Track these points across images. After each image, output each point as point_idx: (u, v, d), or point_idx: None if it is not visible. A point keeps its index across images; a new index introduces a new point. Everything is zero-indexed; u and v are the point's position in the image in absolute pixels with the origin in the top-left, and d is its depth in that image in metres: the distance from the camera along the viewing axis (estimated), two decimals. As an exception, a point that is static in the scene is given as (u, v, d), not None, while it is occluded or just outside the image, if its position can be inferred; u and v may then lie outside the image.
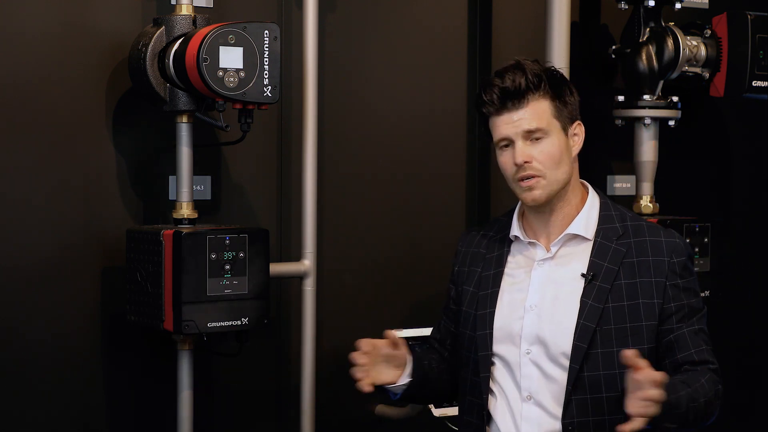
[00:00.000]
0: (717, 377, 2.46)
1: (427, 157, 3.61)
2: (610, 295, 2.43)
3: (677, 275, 2.48)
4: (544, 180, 2.46)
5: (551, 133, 2.46)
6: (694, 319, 2.48)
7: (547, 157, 2.45)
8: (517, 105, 2.45)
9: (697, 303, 2.51)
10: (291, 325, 3.37)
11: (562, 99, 2.48)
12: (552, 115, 2.46)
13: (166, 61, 2.91)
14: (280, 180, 3.36)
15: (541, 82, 2.46)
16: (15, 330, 3.01)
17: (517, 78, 2.45)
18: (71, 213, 3.07)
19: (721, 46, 3.71)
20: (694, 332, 2.48)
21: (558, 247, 2.52)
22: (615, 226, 2.49)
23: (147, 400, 3.18)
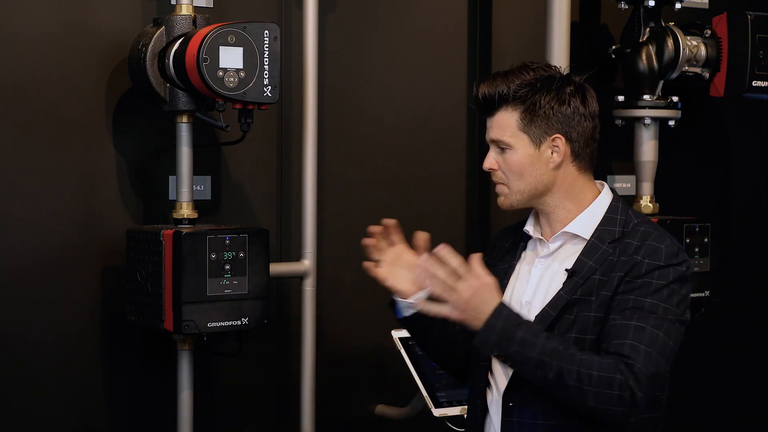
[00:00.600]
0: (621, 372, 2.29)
1: (427, 156, 3.61)
2: (581, 289, 2.44)
3: (640, 275, 2.40)
4: (507, 188, 2.51)
5: (515, 146, 2.48)
6: (636, 315, 2.36)
7: (508, 168, 2.49)
8: (488, 113, 2.50)
9: (653, 306, 2.36)
10: (291, 325, 3.37)
11: (533, 112, 2.46)
12: (518, 128, 2.47)
13: (166, 61, 2.91)
14: (280, 180, 3.36)
15: (508, 95, 2.46)
16: (15, 330, 3.01)
17: (489, 88, 2.47)
18: (71, 213, 3.07)
19: (721, 46, 3.71)
20: (628, 326, 2.35)
21: (558, 245, 2.54)
22: (613, 229, 2.49)
23: (147, 400, 3.18)
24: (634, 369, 2.31)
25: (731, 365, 4.21)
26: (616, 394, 2.30)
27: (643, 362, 2.32)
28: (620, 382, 2.30)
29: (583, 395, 2.31)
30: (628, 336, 2.34)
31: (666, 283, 2.39)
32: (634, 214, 2.53)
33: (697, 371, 4.12)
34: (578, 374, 2.31)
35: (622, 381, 2.31)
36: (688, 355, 4.07)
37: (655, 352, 2.34)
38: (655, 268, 2.40)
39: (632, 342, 2.33)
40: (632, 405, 2.31)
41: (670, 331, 2.37)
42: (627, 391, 2.30)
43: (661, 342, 2.35)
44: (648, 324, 2.35)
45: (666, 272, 2.40)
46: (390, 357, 3.34)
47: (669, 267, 2.41)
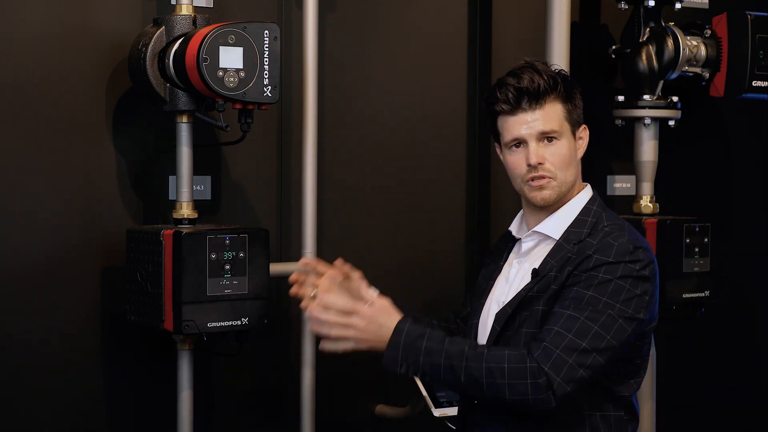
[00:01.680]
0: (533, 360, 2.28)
1: (427, 156, 3.61)
2: (537, 286, 2.44)
3: (587, 269, 2.39)
4: (555, 181, 2.49)
5: (563, 136, 2.48)
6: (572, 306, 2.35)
7: (559, 159, 2.48)
8: (534, 106, 2.47)
9: (593, 299, 2.34)
10: (291, 325, 3.37)
11: (573, 102, 2.51)
12: (564, 118, 2.49)
13: (166, 61, 2.91)
14: (280, 180, 3.36)
15: (556, 84, 2.48)
16: (15, 330, 3.01)
17: (535, 78, 2.46)
18: (71, 213, 3.07)
19: (721, 46, 3.71)
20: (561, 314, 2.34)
21: (532, 245, 2.54)
22: (581, 231, 2.48)
23: (147, 400, 3.18)
24: (552, 356, 2.29)
25: (731, 365, 4.21)
26: (529, 382, 2.28)
27: (564, 350, 2.30)
28: (532, 370, 2.29)
29: (498, 390, 2.30)
30: (558, 323, 2.33)
31: (612, 278, 2.37)
32: (607, 217, 2.51)
33: (696, 371, 4.12)
34: (489, 370, 2.30)
35: (534, 368, 2.29)
36: (688, 355, 4.08)
37: (584, 343, 2.31)
38: (602, 264, 2.38)
39: (560, 329, 2.32)
40: (548, 392, 2.28)
41: (608, 326, 2.34)
42: (542, 378, 2.28)
43: (594, 333, 2.32)
44: (583, 315, 2.34)
45: (614, 268, 2.38)
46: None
47: (618, 264, 2.38)
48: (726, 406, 4.21)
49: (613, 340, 2.34)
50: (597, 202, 2.54)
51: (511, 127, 2.49)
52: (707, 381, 4.14)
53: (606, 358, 2.34)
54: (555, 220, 2.52)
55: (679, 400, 4.05)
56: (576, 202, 2.53)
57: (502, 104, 2.49)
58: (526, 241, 2.55)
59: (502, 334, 2.45)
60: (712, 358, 4.15)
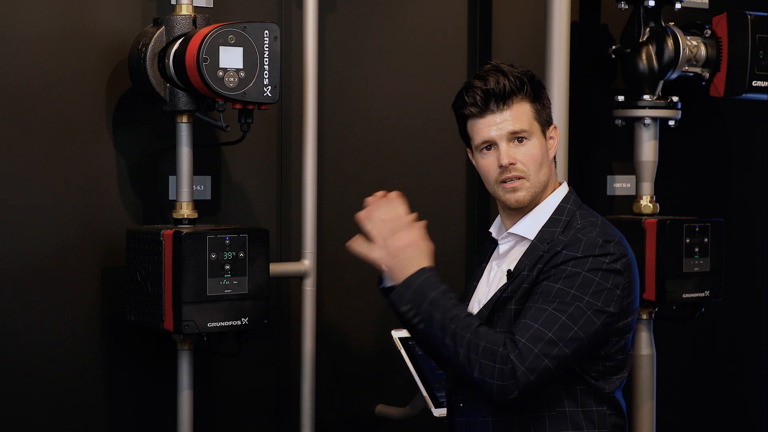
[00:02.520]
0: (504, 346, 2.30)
1: (427, 156, 3.61)
2: (510, 287, 2.45)
3: (556, 264, 2.39)
4: (528, 182, 2.48)
5: (533, 136, 2.47)
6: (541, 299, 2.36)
7: (531, 159, 2.47)
8: (501, 107, 2.46)
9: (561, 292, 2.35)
10: (291, 325, 3.37)
11: (541, 102, 2.49)
12: (533, 118, 2.48)
13: (166, 61, 2.91)
14: (280, 180, 3.36)
15: (523, 84, 2.46)
16: (15, 330, 3.01)
17: (500, 79, 2.45)
18: (71, 213, 3.07)
19: (721, 46, 3.71)
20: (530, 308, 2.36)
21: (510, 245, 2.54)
22: (554, 230, 2.48)
23: (147, 400, 3.18)
24: (518, 344, 2.31)
25: (731, 365, 4.21)
26: (497, 367, 2.30)
27: (529, 339, 2.32)
28: (502, 356, 2.31)
29: (470, 364, 2.33)
30: (527, 316, 2.36)
31: (580, 271, 2.37)
32: (581, 215, 2.50)
33: (697, 371, 4.12)
34: (468, 342, 2.33)
35: (504, 355, 2.31)
36: (688, 355, 4.08)
37: (550, 333, 2.32)
38: (570, 258, 2.39)
39: (527, 321, 2.34)
40: (512, 380, 2.30)
41: (576, 317, 2.34)
42: (507, 365, 2.30)
43: (561, 324, 2.33)
44: (550, 307, 2.35)
45: (582, 262, 2.38)
46: (390, 357, 3.34)
47: (587, 258, 2.38)
48: (726, 406, 4.21)
49: (581, 332, 2.35)
50: (572, 200, 2.52)
51: (480, 130, 2.49)
52: (707, 381, 4.14)
53: (573, 350, 2.34)
54: (529, 221, 2.51)
55: (679, 400, 4.05)
56: (549, 202, 2.52)
57: (470, 107, 2.49)
58: (503, 243, 2.55)
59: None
60: (712, 358, 4.15)
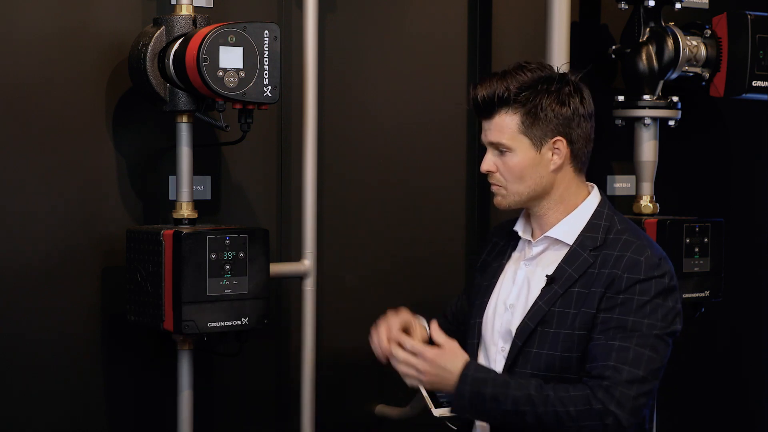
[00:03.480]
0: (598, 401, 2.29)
1: (427, 156, 3.61)
2: (561, 300, 2.42)
3: (621, 290, 2.37)
4: (505, 190, 2.50)
5: (516, 149, 2.45)
6: (619, 335, 2.34)
7: (508, 171, 2.47)
8: (486, 116, 2.48)
9: (636, 324, 2.34)
10: (291, 325, 3.37)
11: (536, 115, 2.44)
12: (518, 131, 2.44)
13: (166, 61, 2.91)
14: (280, 180, 3.36)
15: (509, 98, 2.43)
16: (15, 330, 3.01)
17: (487, 91, 2.45)
18: (71, 213, 3.07)
19: (721, 46, 3.71)
20: (610, 347, 2.33)
21: (541, 249, 2.53)
22: (595, 236, 2.46)
23: (147, 400, 3.18)
24: (615, 393, 2.30)
25: (731, 365, 4.21)
26: (599, 424, 2.30)
27: (625, 384, 2.31)
28: (599, 412, 2.30)
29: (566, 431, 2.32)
30: (611, 358, 2.33)
31: (648, 298, 2.37)
32: (619, 220, 2.50)
33: (696, 371, 4.12)
34: (556, 415, 2.32)
35: (602, 409, 2.30)
36: (687, 355, 4.08)
37: (641, 372, 2.32)
38: (635, 282, 2.37)
39: (615, 364, 2.32)
40: (615, 418, 2.30)
41: (657, 347, 2.36)
42: (610, 417, 2.30)
43: (647, 359, 2.33)
44: (632, 344, 2.33)
45: (647, 286, 2.38)
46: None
47: (650, 280, 2.38)
48: (726, 406, 4.21)
49: (663, 359, 2.38)
50: (607, 205, 2.53)
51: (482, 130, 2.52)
52: (707, 381, 4.14)
53: (659, 377, 2.37)
54: (567, 225, 2.49)
55: (679, 400, 4.05)
56: (587, 206, 2.51)
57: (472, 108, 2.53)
58: (536, 245, 2.53)
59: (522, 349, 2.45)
60: (712, 358, 4.15)
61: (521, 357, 2.44)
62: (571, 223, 2.49)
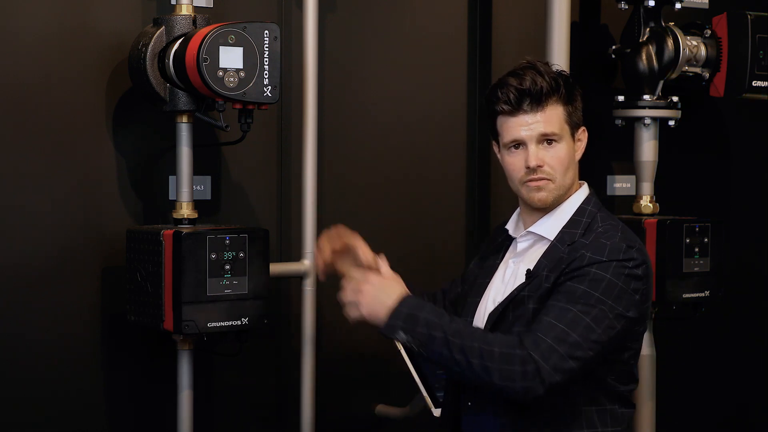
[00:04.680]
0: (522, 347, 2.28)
1: (427, 156, 3.61)
2: (528, 287, 2.44)
3: (580, 266, 2.38)
4: (553, 184, 2.48)
5: (563, 139, 2.47)
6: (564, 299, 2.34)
7: (558, 162, 2.47)
8: (535, 108, 2.45)
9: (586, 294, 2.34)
10: (291, 325, 3.37)
11: (573, 104, 2.50)
12: (564, 121, 2.48)
13: (166, 61, 2.91)
14: (280, 180, 3.36)
15: (558, 86, 2.46)
16: (15, 330, 3.01)
17: (537, 80, 2.44)
18: (71, 213, 3.07)
19: (721, 46, 3.71)
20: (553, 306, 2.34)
21: (526, 246, 2.54)
22: (574, 232, 2.47)
23: (147, 400, 3.18)
24: (541, 344, 2.29)
25: (731, 365, 4.21)
26: (519, 369, 2.28)
27: (554, 340, 2.30)
28: (522, 357, 2.28)
29: (487, 373, 2.29)
30: (550, 315, 2.33)
31: (606, 276, 2.36)
32: (601, 218, 2.50)
33: (696, 371, 4.12)
34: (480, 351, 2.30)
35: (525, 355, 2.28)
36: (688, 355, 4.08)
37: (575, 335, 2.30)
38: (595, 262, 2.38)
39: (551, 320, 2.32)
40: (538, 380, 2.28)
41: (600, 320, 2.34)
42: (531, 365, 2.28)
43: (585, 326, 2.32)
44: (574, 308, 2.33)
45: (606, 266, 2.38)
46: (390, 357, 3.34)
47: (611, 262, 2.38)
48: (726, 406, 4.21)
49: (603, 335, 2.34)
50: (592, 202, 2.53)
51: (511, 128, 2.48)
52: (707, 381, 4.14)
53: (595, 352, 2.34)
54: (550, 221, 2.51)
55: (679, 400, 4.05)
56: (571, 203, 2.52)
57: (502, 104, 2.47)
58: (521, 241, 2.55)
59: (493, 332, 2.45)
60: (712, 358, 4.15)
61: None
62: (554, 219, 2.51)
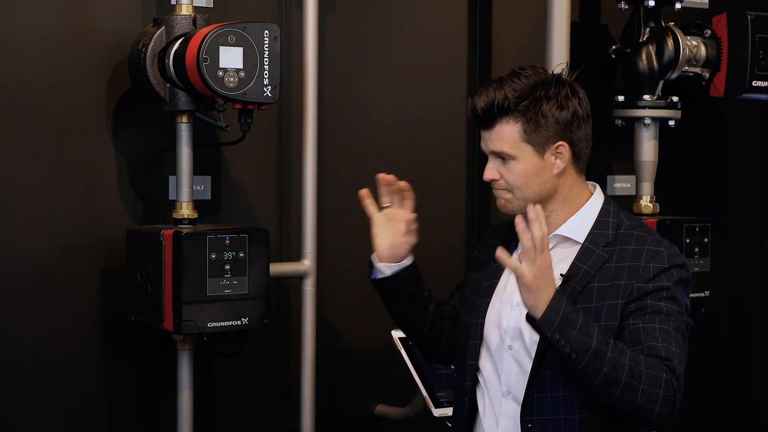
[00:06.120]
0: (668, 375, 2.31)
1: (427, 156, 3.61)
2: (581, 296, 2.42)
3: (649, 278, 2.39)
4: (510, 195, 2.49)
5: (519, 157, 2.44)
6: (657, 318, 2.37)
7: (513, 178, 2.46)
8: (486, 126, 2.46)
9: (669, 309, 2.38)
10: (291, 325, 3.37)
11: (536, 121, 2.42)
12: (521, 139, 2.43)
13: (166, 61, 2.92)
14: (280, 180, 3.37)
15: (509, 107, 2.41)
16: (15, 330, 3.01)
17: (486, 101, 2.42)
18: (71, 213, 3.07)
19: (721, 46, 3.71)
20: (653, 329, 2.36)
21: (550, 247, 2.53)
22: (606, 233, 2.47)
23: (147, 400, 3.18)
24: (675, 371, 2.33)
25: (731, 365, 4.21)
26: (662, 393, 2.30)
27: (678, 363, 2.34)
28: (666, 382, 2.31)
29: (633, 393, 2.29)
30: (657, 339, 2.35)
31: (673, 285, 2.40)
32: (626, 217, 2.52)
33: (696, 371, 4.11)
34: (630, 370, 2.29)
35: (668, 381, 2.31)
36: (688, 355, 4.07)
37: (682, 351, 2.36)
38: (660, 272, 2.40)
39: (663, 344, 2.34)
40: (674, 406, 2.32)
41: (685, 335, 2.40)
42: (670, 392, 2.31)
43: (681, 342, 2.37)
44: (670, 327, 2.36)
45: (670, 274, 2.41)
46: (390, 357, 3.34)
47: (672, 269, 2.41)
48: (726, 406, 4.21)
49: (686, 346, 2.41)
50: (612, 203, 2.55)
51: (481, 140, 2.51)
52: (707, 381, 4.14)
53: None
54: (576, 223, 2.50)
55: (679, 400, 4.04)
56: (593, 204, 2.52)
57: None
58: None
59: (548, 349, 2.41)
60: (712, 358, 4.15)
61: (550, 357, 2.43)
62: (580, 221, 2.50)
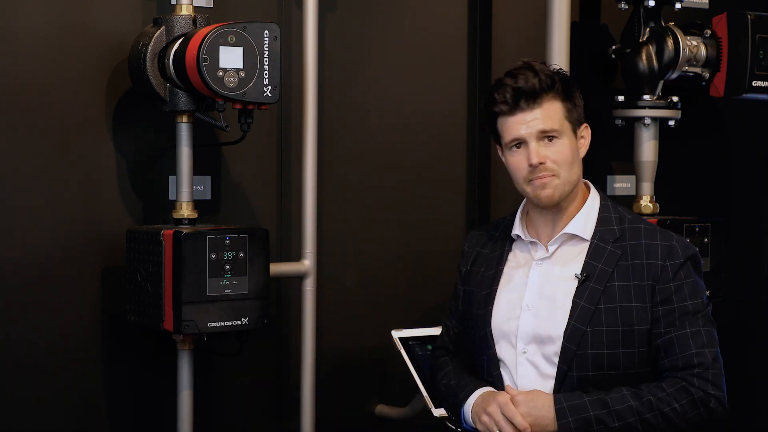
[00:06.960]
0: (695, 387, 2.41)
1: (428, 156, 3.61)
2: (603, 297, 2.43)
3: (670, 279, 2.46)
4: (558, 179, 2.48)
5: (564, 134, 2.47)
6: (686, 321, 2.45)
7: (561, 158, 2.47)
8: (531, 105, 2.46)
9: (695, 305, 2.47)
10: (291, 325, 3.37)
11: (572, 101, 2.50)
12: (564, 117, 2.48)
13: (166, 61, 2.92)
14: (280, 180, 3.36)
15: (554, 82, 2.47)
16: (15, 330, 3.01)
17: (530, 78, 2.45)
18: (71, 213, 3.07)
19: (721, 46, 3.71)
20: (685, 336, 2.45)
21: (556, 247, 2.52)
22: (612, 228, 2.49)
23: (147, 400, 3.18)
24: (709, 377, 2.41)
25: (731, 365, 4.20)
26: (702, 410, 2.40)
27: (712, 364, 2.42)
28: (699, 398, 2.40)
29: (676, 427, 2.40)
30: (690, 346, 2.43)
31: (693, 279, 2.47)
32: (624, 211, 2.56)
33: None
34: (665, 416, 2.39)
35: (701, 396, 2.40)
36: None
37: (716, 348, 2.45)
38: (678, 268, 2.46)
39: (696, 350, 2.42)
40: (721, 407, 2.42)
41: (711, 319, 2.49)
42: (712, 400, 2.40)
43: (713, 335, 2.46)
44: (700, 326, 2.45)
45: (687, 267, 2.48)
46: (390, 357, 3.34)
47: (687, 261, 2.48)
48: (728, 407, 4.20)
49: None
50: (607, 198, 2.57)
51: (510, 128, 2.48)
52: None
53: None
54: (582, 221, 2.51)
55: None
56: (593, 201, 2.54)
57: (500, 105, 2.48)
58: (553, 243, 2.53)
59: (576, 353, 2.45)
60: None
61: (579, 361, 2.44)
62: (584, 218, 2.51)
